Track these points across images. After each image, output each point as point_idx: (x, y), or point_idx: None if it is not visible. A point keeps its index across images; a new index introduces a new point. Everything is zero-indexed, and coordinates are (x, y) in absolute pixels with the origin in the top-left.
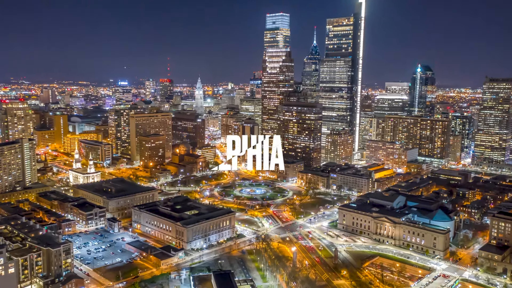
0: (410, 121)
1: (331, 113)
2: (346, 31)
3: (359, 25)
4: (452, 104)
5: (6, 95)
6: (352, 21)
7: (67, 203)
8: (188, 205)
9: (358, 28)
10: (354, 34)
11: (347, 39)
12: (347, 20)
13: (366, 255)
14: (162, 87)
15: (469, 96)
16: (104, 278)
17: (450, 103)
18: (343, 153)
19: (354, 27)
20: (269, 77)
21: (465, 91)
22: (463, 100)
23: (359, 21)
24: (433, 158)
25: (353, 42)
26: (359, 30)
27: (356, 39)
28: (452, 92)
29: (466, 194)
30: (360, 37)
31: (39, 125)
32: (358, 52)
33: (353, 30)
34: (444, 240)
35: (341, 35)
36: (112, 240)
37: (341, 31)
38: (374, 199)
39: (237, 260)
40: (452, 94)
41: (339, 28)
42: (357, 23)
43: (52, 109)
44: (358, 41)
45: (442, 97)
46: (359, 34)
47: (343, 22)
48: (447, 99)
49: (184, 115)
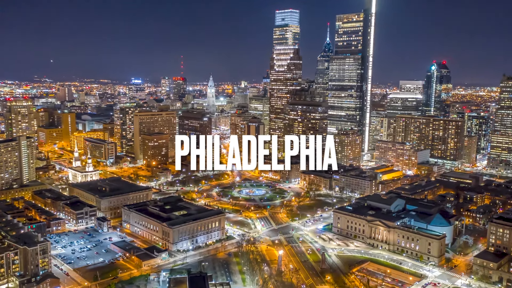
0: (422, 121)
1: (340, 112)
2: (356, 27)
3: (369, 21)
4: (470, 102)
5: (27, 93)
6: (362, 17)
7: (59, 201)
8: (178, 206)
9: (368, 24)
10: (364, 30)
11: (357, 36)
12: (357, 16)
13: (357, 260)
14: (175, 85)
15: (488, 95)
16: (83, 278)
17: (467, 102)
18: (350, 154)
19: (364, 24)
20: (276, 75)
21: (483, 90)
22: (479, 99)
23: (369, 17)
24: (445, 160)
25: (363, 39)
26: (369, 27)
27: (366, 36)
28: (473, 90)
29: (474, 198)
30: (370, 33)
31: (47, 123)
32: (368, 49)
33: (363, 27)
34: (439, 246)
35: (350, 32)
36: (99, 240)
37: (351, 27)
38: (371, 202)
39: (222, 263)
40: (469, 92)
41: (349, 25)
42: (367, 19)
43: (66, 107)
44: (368, 38)
45: (459, 96)
46: (369, 31)
47: (353, 18)
48: (462, 97)
49: (191, 114)
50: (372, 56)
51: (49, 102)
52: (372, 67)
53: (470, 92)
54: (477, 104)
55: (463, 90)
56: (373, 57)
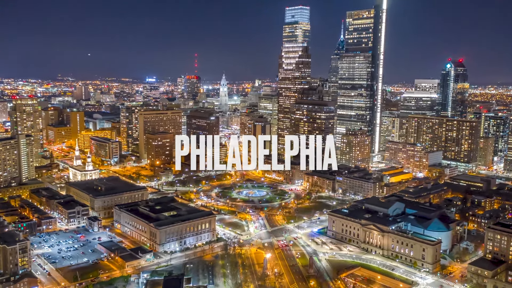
0: (435, 121)
1: (350, 112)
2: (366, 24)
3: (380, 18)
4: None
5: (47, 91)
6: (373, 13)
7: (53, 200)
8: (168, 206)
9: (379, 21)
10: (375, 27)
11: (367, 33)
12: (368, 12)
13: (348, 265)
14: (189, 84)
15: None
16: (64, 278)
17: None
18: (359, 154)
19: (375, 20)
20: (285, 73)
21: None
22: (495, 98)
23: (380, 13)
24: (459, 162)
25: (374, 36)
26: (380, 23)
27: (376, 33)
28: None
29: (482, 202)
30: (381, 30)
31: (57, 121)
32: (379, 46)
33: (373, 23)
34: (433, 252)
35: (361, 29)
36: (88, 240)
37: (361, 24)
38: (369, 205)
39: (207, 265)
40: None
41: (359, 22)
42: (378, 15)
43: (81, 106)
44: (379, 35)
45: (488, 96)
46: (380, 28)
47: (364, 14)
48: (492, 97)
49: (198, 113)
50: (383, 54)
51: (66, 100)
52: (383, 65)
53: (501, 91)
54: (506, 104)
55: (494, 89)
56: (384, 55)
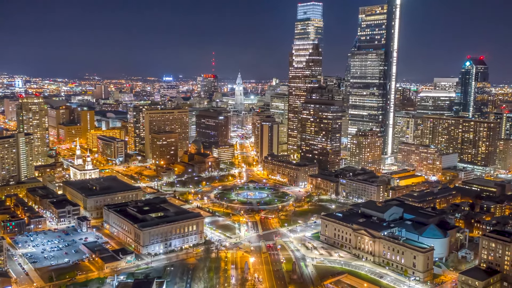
0: (451, 122)
1: (362, 112)
2: (379, 20)
3: (393, 14)
4: None
5: (71, 90)
6: (386, 9)
7: (45, 199)
8: (157, 207)
9: (392, 17)
10: (388, 23)
11: (380, 29)
12: (381, 8)
13: (335, 271)
14: (206, 82)
15: None
16: (40, 278)
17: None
18: (369, 156)
19: (388, 16)
20: (295, 72)
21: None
22: None
23: (394, 9)
24: (476, 166)
25: (387, 32)
26: (394, 19)
27: (390, 30)
28: None
29: (491, 208)
30: (394, 27)
31: (68, 120)
32: (392, 43)
33: (386, 19)
34: (425, 259)
35: (374, 25)
36: (74, 240)
37: (374, 20)
38: (365, 209)
39: (188, 268)
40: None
41: (372, 18)
42: (391, 11)
43: (98, 104)
44: (392, 32)
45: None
46: (393, 24)
47: (376, 10)
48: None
49: (207, 112)
50: (397, 51)
51: (85, 99)
52: (396, 63)
53: None
54: None
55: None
56: (397, 52)
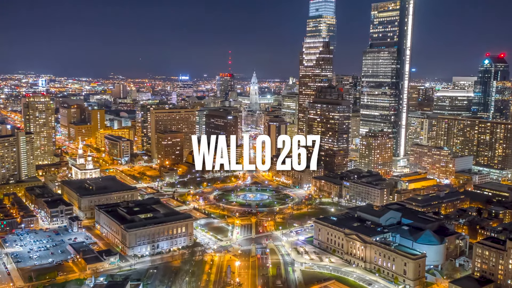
0: (466, 123)
1: (374, 112)
2: (392, 17)
3: (406, 10)
4: None
5: (93, 89)
6: (399, 5)
7: (40, 199)
8: (147, 208)
9: (405, 13)
10: (401, 20)
11: (393, 26)
12: (393, 4)
13: (322, 277)
14: (222, 82)
15: None
16: (21, 278)
17: None
18: (379, 158)
19: (401, 12)
20: (305, 70)
21: None
22: None
23: (407, 4)
24: (492, 169)
25: (399, 29)
26: (407, 16)
27: (402, 26)
28: None
29: (499, 213)
30: (407, 23)
31: (79, 119)
32: (405, 41)
33: (399, 16)
34: (415, 267)
35: (386, 22)
36: (62, 240)
37: (387, 17)
38: (361, 213)
39: (172, 271)
40: None
41: (385, 14)
42: (404, 7)
43: (116, 104)
44: (405, 28)
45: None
46: (406, 20)
47: (389, 6)
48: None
49: (216, 112)
50: (410, 49)
51: (103, 98)
52: (410, 61)
53: None
54: None
55: None
56: (411, 50)
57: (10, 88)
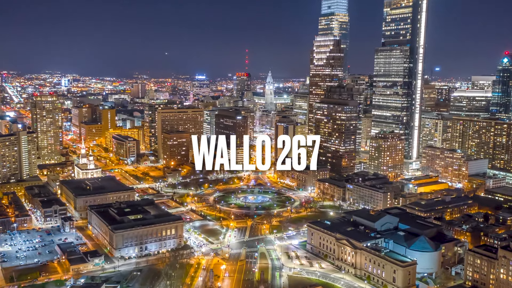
0: (482, 124)
1: (385, 112)
2: (404, 14)
3: (419, 7)
4: None
5: (114, 89)
6: (412, 1)
7: (36, 198)
8: (138, 209)
9: (418, 10)
10: (414, 17)
11: (406, 23)
12: (406, 1)
13: (308, 283)
14: (238, 81)
15: None
16: (3, 278)
17: None
18: (389, 160)
19: (414, 9)
20: (315, 70)
21: None
22: None
23: (420, 1)
24: (509, 173)
25: (412, 27)
26: (420, 13)
27: (415, 24)
28: None
29: (507, 220)
30: (421, 21)
31: (90, 119)
32: (418, 39)
33: (412, 13)
34: (405, 274)
35: (399, 19)
36: (52, 240)
37: (399, 14)
38: (357, 218)
39: (156, 274)
40: None
41: (397, 11)
42: (417, 3)
43: (132, 103)
44: (418, 26)
45: None
46: (419, 18)
47: (402, 3)
48: None
49: (226, 112)
50: (423, 48)
51: (122, 98)
52: (423, 60)
53: None
54: None
55: None
56: (424, 49)
57: (34, 87)
